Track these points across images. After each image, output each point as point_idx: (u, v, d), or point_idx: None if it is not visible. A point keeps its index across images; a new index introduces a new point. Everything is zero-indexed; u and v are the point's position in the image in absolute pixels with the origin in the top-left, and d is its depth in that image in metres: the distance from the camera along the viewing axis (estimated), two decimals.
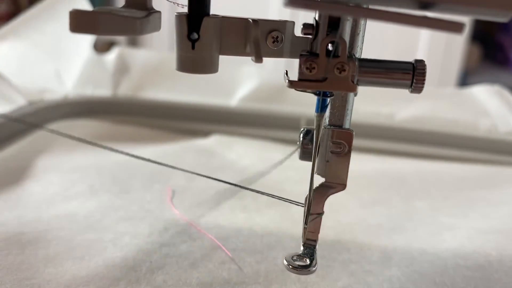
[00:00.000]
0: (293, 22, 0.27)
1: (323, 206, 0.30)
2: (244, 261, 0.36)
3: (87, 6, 0.65)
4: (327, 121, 0.29)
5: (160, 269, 0.34)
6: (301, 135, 0.30)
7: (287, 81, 0.26)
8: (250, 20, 0.27)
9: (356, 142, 0.29)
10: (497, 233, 0.41)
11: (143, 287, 0.32)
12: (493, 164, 0.59)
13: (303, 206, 0.30)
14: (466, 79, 1.64)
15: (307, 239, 0.30)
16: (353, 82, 0.26)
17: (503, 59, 1.97)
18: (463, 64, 1.51)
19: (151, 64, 0.70)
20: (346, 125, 0.29)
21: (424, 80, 0.26)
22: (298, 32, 0.27)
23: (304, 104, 0.60)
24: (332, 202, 0.31)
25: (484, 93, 0.71)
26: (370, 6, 0.22)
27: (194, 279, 0.33)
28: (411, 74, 0.26)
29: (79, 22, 0.24)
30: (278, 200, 0.45)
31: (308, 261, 0.29)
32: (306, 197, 0.30)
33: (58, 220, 0.39)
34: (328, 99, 0.27)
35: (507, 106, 0.67)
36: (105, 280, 0.32)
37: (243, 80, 0.68)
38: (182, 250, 0.37)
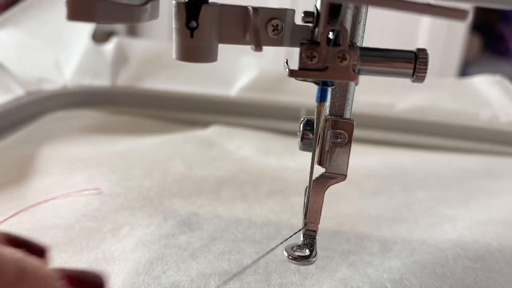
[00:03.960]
0: (293, 10, 0.27)
1: (323, 197, 0.30)
2: (244, 252, 0.36)
3: None
4: (327, 111, 0.29)
5: (159, 259, 0.34)
6: (301, 125, 0.30)
7: (287, 70, 0.25)
8: (250, 8, 0.26)
9: (356, 132, 0.29)
10: (498, 224, 0.41)
11: (142, 278, 0.32)
12: (494, 154, 0.59)
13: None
14: (466, 69, 1.63)
15: (307, 230, 0.30)
16: (354, 71, 0.25)
17: (503, 50, 1.95)
18: (463, 55, 1.50)
19: (150, 54, 0.69)
20: (347, 115, 0.29)
21: (426, 69, 0.26)
22: (298, 20, 0.27)
23: (304, 94, 0.59)
24: (332, 193, 0.31)
25: (485, 83, 0.71)
26: None
27: (193, 270, 0.33)
28: (413, 63, 0.26)
29: (76, 10, 0.24)
30: (277, 191, 0.45)
31: (307, 252, 0.29)
32: (306, 188, 0.29)
33: (57, 209, 0.39)
34: (329, 89, 0.27)
35: (508, 96, 0.67)
36: (104, 272, 0.32)
37: (243, 69, 0.67)
38: (181, 240, 0.36)
